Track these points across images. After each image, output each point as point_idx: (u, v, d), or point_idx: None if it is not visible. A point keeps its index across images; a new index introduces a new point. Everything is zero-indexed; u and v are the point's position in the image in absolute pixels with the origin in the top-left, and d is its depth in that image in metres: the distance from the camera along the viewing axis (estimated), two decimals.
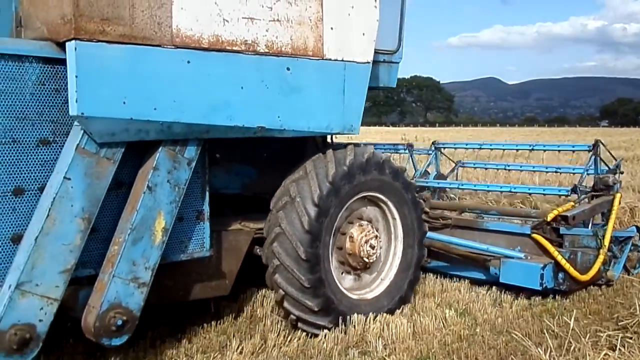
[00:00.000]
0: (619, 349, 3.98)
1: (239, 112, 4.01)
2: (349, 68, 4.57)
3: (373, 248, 4.82)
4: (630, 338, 4.28)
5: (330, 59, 4.46)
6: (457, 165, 8.29)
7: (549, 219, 5.83)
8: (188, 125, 3.82)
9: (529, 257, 5.67)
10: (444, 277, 6.22)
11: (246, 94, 4.03)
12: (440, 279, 6.17)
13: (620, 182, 6.63)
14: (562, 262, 5.54)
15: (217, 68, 3.88)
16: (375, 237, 4.85)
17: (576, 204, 6.17)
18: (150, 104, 3.62)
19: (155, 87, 3.63)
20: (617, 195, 6.33)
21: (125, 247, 3.64)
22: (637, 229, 6.43)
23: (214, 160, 4.53)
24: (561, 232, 5.82)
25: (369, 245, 4.78)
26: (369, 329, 4.58)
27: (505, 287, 5.75)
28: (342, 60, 4.53)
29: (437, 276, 6.20)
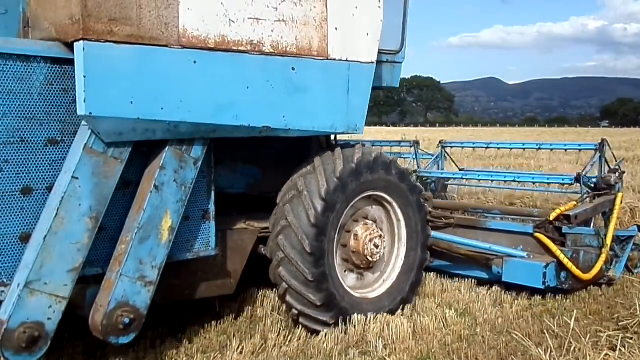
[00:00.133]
0: (620, 349, 3.98)
1: (244, 112, 4.04)
2: (353, 68, 4.60)
3: (377, 247, 4.83)
4: (631, 338, 4.28)
5: (334, 59, 4.48)
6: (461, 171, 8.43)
7: (551, 218, 5.86)
8: (195, 125, 3.85)
9: (531, 256, 5.69)
10: (444, 277, 6.22)
11: (252, 94, 4.05)
12: (441, 279, 6.16)
13: (622, 181, 6.68)
14: (565, 261, 5.57)
15: (223, 68, 3.90)
16: (380, 237, 4.87)
17: (578, 203, 6.21)
18: (157, 104, 3.65)
19: (162, 87, 3.66)
20: (619, 195, 6.38)
21: (133, 246, 3.66)
22: (639, 228, 6.45)
23: (219, 159, 4.55)
24: (563, 231, 5.85)
25: (373, 244, 4.80)
26: (369, 328, 4.57)
27: (506, 287, 5.76)
28: (347, 60, 4.55)
29: (437, 276, 6.20)
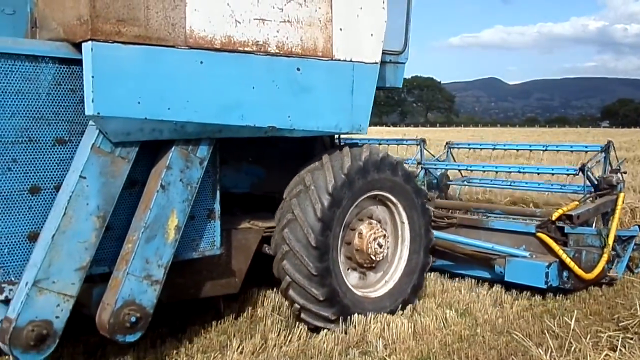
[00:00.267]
0: (620, 350, 3.98)
1: (250, 112, 4.06)
2: (357, 68, 4.62)
3: (380, 247, 4.85)
4: (631, 339, 4.27)
5: (339, 60, 4.50)
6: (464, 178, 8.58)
7: (553, 218, 5.88)
8: (201, 125, 3.87)
9: (534, 256, 5.71)
10: (444, 277, 6.22)
11: (257, 94, 4.08)
12: (441, 279, 6.16)
13: (623, 181, 6.72)
14: (567, 260, 5.59)
15: (229, 68, 3.93)
16: (384, 236, 4.89)
17: (580, 203, 6.24)
18: (164, 104, 3.67)
19: (169, 87, 3.68)
20: (621, 195, 6.41)
21: (139, 245, 3.68)
22: None
23: (224, 159, 4.58)
24: (566, 231, 5.88)
25: (377, 243, 4.82)
26: (369, 329, 4.56)
27: (506, 287, 5.78)
28: (351, 61, 4.58)
29: (437, 276, 6.20)
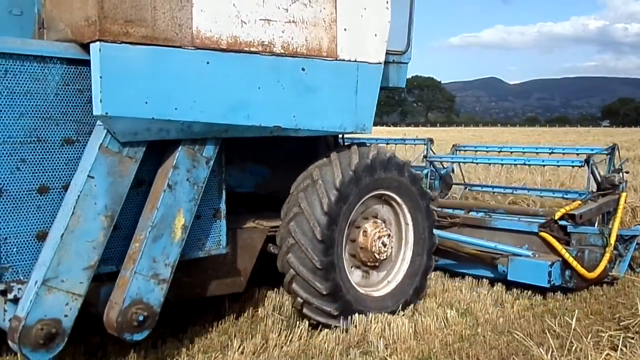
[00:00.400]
0: (621, 349, 3.97)
1: (256, 112, 4.09)
2: (361, 68, 4.64)
3: (385, 246, 4.88)
4: (632, 338, 4.26)
5: (343, 60, 4.53)
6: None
7: (556, 218, 5.91)
8: (207, 125, 3.90)
9: (536, 255, 5.74)
10: (445, 277, 6.23)
11: (263, 94, 4.11)
12: (442, 279, 6.17)
13: (625, 181, 6.74)
14: (570, 259, 5.62)
15: (235, 68, 3.95)
16: (388, 236, 4.92)
17: (583, 202, 6.26)
18: (171, 104, 3.70)
19: (176, 87, 3.70)
20: (623, 194, 6.44)
21: (146, 244, 3.71)
22: None
23: (229, 159, 4.60)
24: (568, 231, 5.91)
25: (382, 242, 4.84)
26: (370, 328, 4.57)
27: (507, 287, 5.80)
28: (355, 61, 4.60)
29: (438, 276, 6.21)
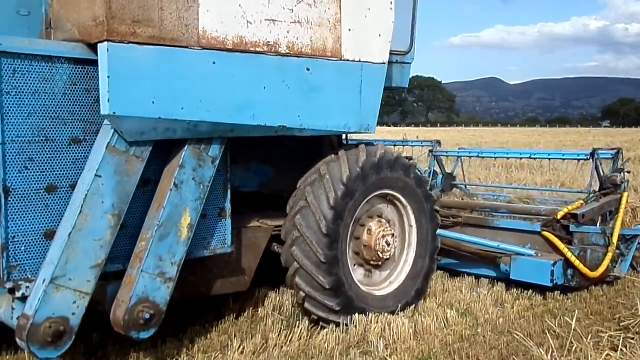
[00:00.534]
0: (621, 350, 3.97)
1: (261, 112, 4.11)
2: (366, 68, 4.67)
3: (388, 245, 4.90)
4: (632, 339, 4.26)
5: (348, 60, 4.55)
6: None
7: (559, 217, 5.93)
8: (213, 124, 3.92)
9: (539, 255, 5.76)
10: (445, 277, 6.24)
11: (268, 94, 4.13)
12: (442, 279, 6.17)
13: (627, 181, 6.77)
14: (572, 259, 5.63)
15: (241, 68, 3.98)
16: (392, 235, 4.94)
17: (585, 202, 6.28)
18: (178, 104, 3.72)
19: (183, 87, 3.73)
20: (625, 194, 6.46)
21: (153, 243, 3.73)
22: None
23: (234, 159, 4.62)
24: (571, 230, 5.92)
25: (385, 241, 4.87)
26: (370, 329, 4.57)
27: (507, 287, 5.82)
28: (360, 61, 4.62)
29: (438, 276, 6.20)
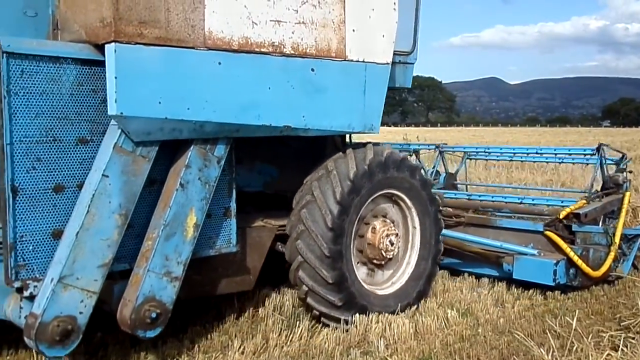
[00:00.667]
0: (622, 349, 3.96)
1: (266, 112, 4.14)
2: (369, 69, 4.69)
3: (392, 244, 4.92)
4: (633, 338, 4.26)
5: (352, 60, 4.57)
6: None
7: (561, 217, 5.95)
8: (219, 125, 3.95)
9: (542, 254, 5.78)
10: (446, 277, 6.25)
11: (273, 94, 4.15)
12: (443, 279, 6.17)
13: (629, 180, 6.80)
14: (575, 258, 5.66)
15: (247, 69, 4.00)
16: (396, 235, 4.96)
17: (588, 201, 6.31)
18: (184, 104, 3.75)
19: (189, 88, 3.76)
20: (627, 194, 6.49)
21: (159, 242, 3.76)
22: None
23: (239, 158, 4.65)
24: (573, 229, 5.95)
25: (389, 240, 4.89)
26: (370, 329, 4.57)
27: (507, 287, 5.84)
28: (364, 61, 4.65)
29: (439, 276, 6.13)
